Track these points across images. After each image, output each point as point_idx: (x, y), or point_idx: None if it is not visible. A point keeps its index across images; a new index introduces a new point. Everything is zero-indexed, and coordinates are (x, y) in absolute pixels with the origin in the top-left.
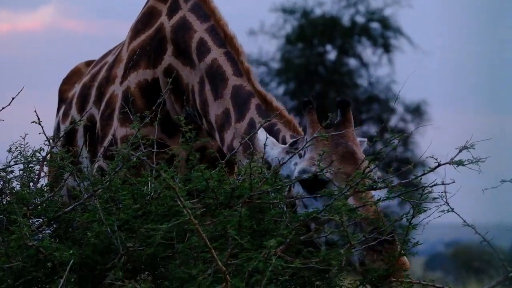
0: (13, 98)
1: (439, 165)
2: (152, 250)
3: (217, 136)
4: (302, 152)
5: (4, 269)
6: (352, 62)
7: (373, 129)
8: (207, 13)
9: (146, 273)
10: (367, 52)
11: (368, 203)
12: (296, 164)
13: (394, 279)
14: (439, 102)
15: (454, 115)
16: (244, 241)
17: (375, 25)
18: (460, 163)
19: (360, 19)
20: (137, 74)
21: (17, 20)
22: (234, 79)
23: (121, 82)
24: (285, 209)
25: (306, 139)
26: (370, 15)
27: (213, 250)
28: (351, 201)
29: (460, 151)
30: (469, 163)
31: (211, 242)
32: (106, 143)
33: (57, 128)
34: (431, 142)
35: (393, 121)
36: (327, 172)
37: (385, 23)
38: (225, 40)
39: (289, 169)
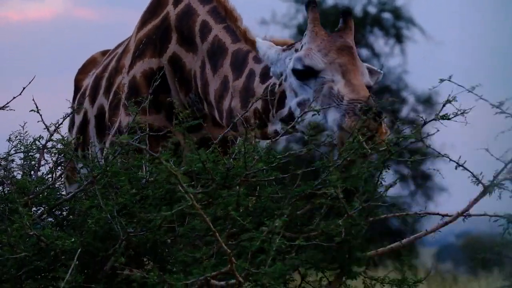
0: (24, 88)
1: (425, 122)
2: (153, 235)
3: (216, 113)
4: (299, 47)
5: (7, 259)
6: (364, 52)
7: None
8: None
9: (147, 257)
10: (379, 42)
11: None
12: (291, 58)
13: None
14: (452, 93)
15: (468, 105)
16: (246, 222)
17: (387, 15)
18: (445, 117)
19: (372, 10)
20: (143, 63)
21: (28, 9)
22: (232, 46)
23: (128, 72)
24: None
25: (305, 34)
26: (382, 5)
27: (217, 234)
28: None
29: (444, 105)
30: (454, 116)
31: (212, 225)
32: (112, 132)
33: (72, 117)
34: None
35: (404, 111)
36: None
37: (397, 13)
38: (225, 16)
39: (284, 65)
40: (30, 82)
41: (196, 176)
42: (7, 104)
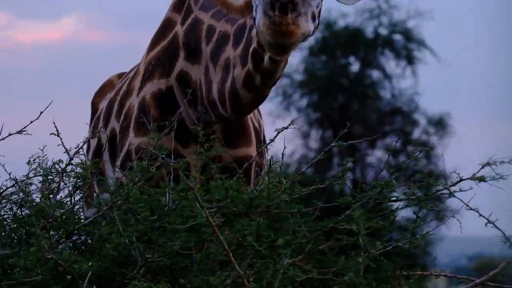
0: (41, 112)
1: (461, 180)
2: (171, 261)
3: (219, 106)
4: None
5: (24, 282)
6: (375, 74)
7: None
8: (213, 3)
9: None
10: (390, 64)
11: (386, 212)
12: None
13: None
14: (465, 115)
15: (480, 128)
16: (262, 248)
17: (398, 37)
18: (482, 179)
19: (383, 31)
20: (152, 84)
21: (40, 31)
22: (232, 28)
23: (138, 94)
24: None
25: None
26: (393, 27)
27: (231, 254)
28: None
29: (482, 167)
30: (491, 179)
31: (232, 253)
32: (122, 154)
33: (88, 141)
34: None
35: (416, 133)
36: None
37: (408, 35)
38: (227, 12)
39: None
40: (47, 107)
41: (218, 204)
42: (24, 128)
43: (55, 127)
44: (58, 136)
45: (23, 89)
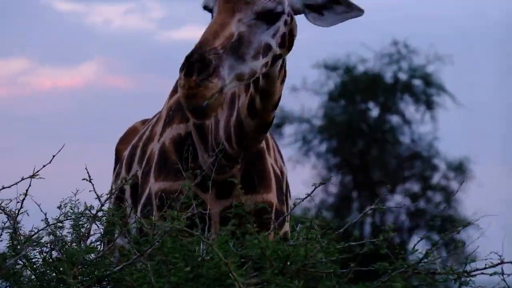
0: (53, 156)
1: (502, 262)
2: None
3: (226, 145)
4: None
5: None
6: (395, 119)
7: (416, 187)
8: None
9: None
10: (410, 109)
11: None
12: None
13: None
14: (486, 160)
15: (500, 173)
16: None
17: (417, 82)
18: None
19: (402, 76)
20: (171, 129)
21: (60, 76)
22: None
23: (159, 139)
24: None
25: None
26: (412, 72)
27: None
28: None
29: None
30: None
31: None
32: (143, 200)
33: (111, 187)
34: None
35: (436, 178)
36: None
37: (428, 80)
38: None
39: None
40: (59, 151)
41: (254, 260)
42: (36, 172)
43: (87, 172)
44: (90, 181)
45: (42, 134)
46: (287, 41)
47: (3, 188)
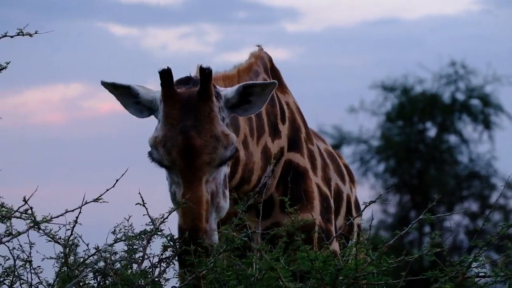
0: (117, 180)
1: None
2: None
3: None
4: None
5: None
6: (453, 138)
7: (474, 206)
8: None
9: None
10: (468, 128)
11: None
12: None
13: None
14: None
15: None
16: None
17: (475, 102)
18: None
19: (460, 96)
20: None
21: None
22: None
23: None
24: None
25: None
26: (470, 92)
27: None
28: None
29: None
30: None
31: None
32: None
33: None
34: None
35: (494, 197)
36: None
37: (486, 100)
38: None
39: None
40: (122, 175)
41: (305, 275)
42: (100, 196)
43: (141, 197)
44: (144, 206)
45: (102, 157)
46: None
47: (67, 212)
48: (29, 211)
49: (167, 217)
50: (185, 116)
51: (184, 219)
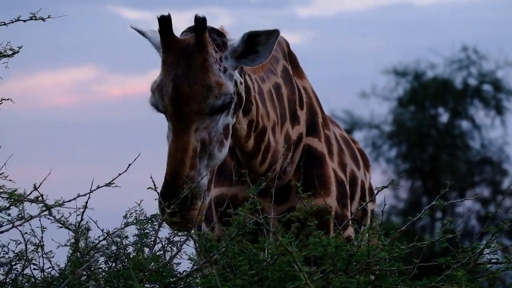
0: (129, 165)
1: None
2: None
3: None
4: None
5: None
6: (465, 124)
7: (486, 192)
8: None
9: None
10: (480, 114)
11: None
12: None
13: None
14: None
15: None
16: None
17: (487, 87)
18: None
19: (472, 82)
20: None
21: (128, 84)
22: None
23: None
24: None
25: None
26: (482, 77)
27: None
28: None
29: None
30: None
31: None
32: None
33: None
34: None
35: (506, 183)
36: None
37: (498, 85)
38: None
39: None
40: (135, 159)
41: (318, 260)
42: (112, 180)
43: (153, 181)
44: (155, 190)
45: (114, 141)
46: (238, 105)
47: (79, 196)
48: (40, 198)
49: (178, 202)
50: (179, 64)
51: (168, 166)
